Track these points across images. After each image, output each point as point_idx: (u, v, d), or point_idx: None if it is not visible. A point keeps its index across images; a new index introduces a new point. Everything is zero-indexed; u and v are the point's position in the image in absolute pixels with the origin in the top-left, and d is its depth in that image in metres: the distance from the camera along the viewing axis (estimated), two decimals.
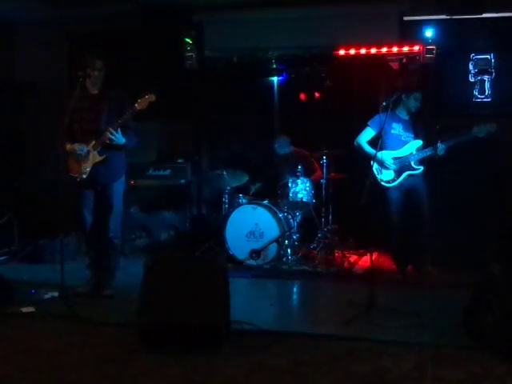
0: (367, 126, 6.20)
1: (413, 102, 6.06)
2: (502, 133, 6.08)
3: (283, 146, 7.61)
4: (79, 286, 5.33)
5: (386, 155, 6.02)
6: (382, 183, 6.05)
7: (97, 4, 7.81)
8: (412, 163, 6.01)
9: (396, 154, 6.06)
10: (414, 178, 6.05)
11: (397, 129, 6.10)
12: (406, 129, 6.11)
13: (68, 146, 5.21)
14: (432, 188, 6.16)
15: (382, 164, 6.00)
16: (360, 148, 6.20)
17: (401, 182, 6.03)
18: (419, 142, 6.05)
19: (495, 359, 3.60)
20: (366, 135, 6.19)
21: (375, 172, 6.01)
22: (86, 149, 5.16)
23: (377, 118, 6.06)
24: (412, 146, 6.06)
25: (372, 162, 5.63)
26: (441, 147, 5.85)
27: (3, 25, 8.42)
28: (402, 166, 6.02)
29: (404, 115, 6.15)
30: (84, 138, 5.18)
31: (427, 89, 6.45)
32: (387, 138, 6.02)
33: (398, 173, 6.03)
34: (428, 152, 5.96)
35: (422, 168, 6.04)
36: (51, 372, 3.45)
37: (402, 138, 6.11)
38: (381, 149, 5.81)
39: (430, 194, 6.08)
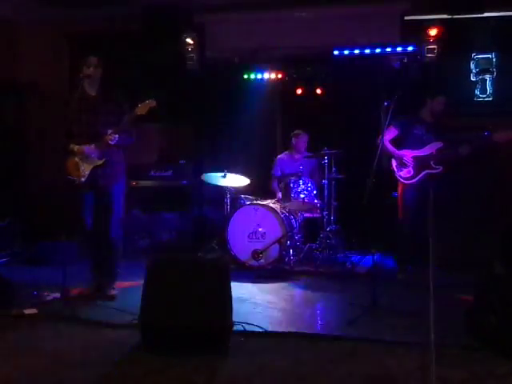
0: (390, 125, 6.18)
1: (437, 105, 6.16)
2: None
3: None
4: (81, 287, 5.33)
5: (407, 153, 6.14)
6: (401, 180, 6.15)
7: (97, 5, 7.81)
8: (432, 163, 6.07)
9: (417, 152, 6.13)
10: (433, 177, 6.08)
11: (419, 130, 6.19)
12: (429, 130, 6.18)
13: (76, 147, 5.19)
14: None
15: (402, 162, 6.11)
16: (383, 147, 6.17)
17: (420, 180, 6.09)
18: (439, 144, 6.09)
19: (498, 359, 3.60)
20: (389, 134, 6.22)
21: (395, 169, 6.16)
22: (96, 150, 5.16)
23: (399, 119, 6.11)
24: (432, 147, 6.11)
25: (391, 160, 5.90)
26: (464, 148, 5.90)
27: (4, 25, 8.42)
28: (422, 164, 6.08)
29: (428, 117, 6.23)
30: (82, 141, 5.16)
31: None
32: (409, 138, 6.17)
33: (418, 170, 6.09)
34: (448, 153, 6.00)
35: (440, 168, 6.07)
36: (53, 373, 3.45)
37: (424, 138, 6.17)
38: (400, 147, 6.11)
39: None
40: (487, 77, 7.42)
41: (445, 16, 7.26)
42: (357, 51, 7.58)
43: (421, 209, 6.03)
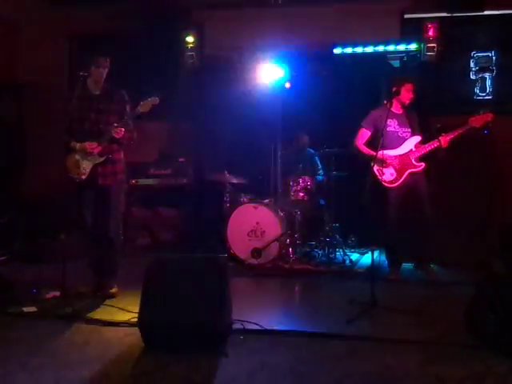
0: (361, 127, 6.07)
1: (405, 94, 5.88)
2: (503, 130, 6.08)
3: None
4: (81, 286, 5.33)
5: (388, 154, 5.86)
6: (385, 184, 5.88)
7: (97, 4, 7.81)
8: (413, 160, 5.87)
9: (396, 152, 5.90)
10: (415, 176, 5.88)
11: (392, 125, 5.92)
12: (401, 124, 5.94)
13: (78, 145, 5.18)
14: (432, 187, 6.12)
15: (383, 164, 5.84)
16: (358, 151, 6.05)
17: (403, 181, 5.87)
18: (417, 138, 5.90)
19: (497, 357, 3.60)
20: (362, 137, 6.05)
21: (377, 173, 5.85)
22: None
23: (369, 117, 5.99)
24: (411, 143, 5.91)
25: (372, 164, 5.51)
26: (443, 138, 5.71)
27: (4, 24, 8.42)
28: (403, 164, 5.86)
29: (398, 109, 5.99)
30: (84, 138, 5.15)
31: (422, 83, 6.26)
32: (384, 136, 5.73)
33: (400, 172, 5.87)
34: (428, 147, 5.82)
35: (423, 165, 5.89)
36: (53, 371, 3.45)
37: (399, 134, 5.93)
38: (381, 148, 5.74)
39: (430, 192, 5.99)
40: (487, 75, 7.41)
41: (445, 14, 7.26)
42: (357, 49, 7.57)
43: (406, 208, 5.96)
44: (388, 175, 5.90)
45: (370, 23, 7.38)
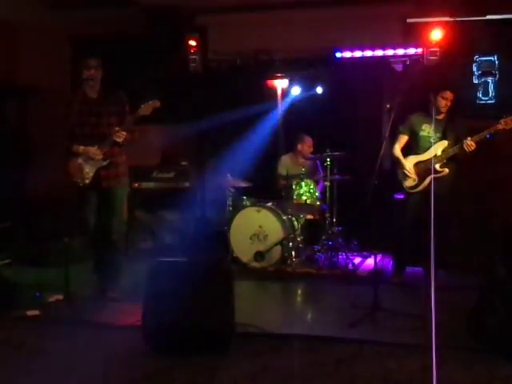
0: (399, 132, 6.00)
1: (441, 101, 5.81)
2: (506, 135, 6.06)
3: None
4: (84, 289, 5.33)
5: (409, 161, 5.90)
6: (407, 190, 5.91)
7: (99, 7, 7.82)
8: (437, 166, 5.78)
9: (420, 157, 5.87)
10: (439, 182, 5.75)
11: (426, 130, 5.88)
12: (437, 129, 5.85)
13: (81, 148, 5.19)
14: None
15: (404, 169, 5.88)
16: (394, 157, 6.01)
17: (424, 187, 5.82)
18: (445, 143, 5.81)
19: (500, 360, 3.60)
20: (400, 142, 6.01)
21: (401, 179, 5.93)
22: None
23: (406, 121, 5.94)
24: (437, 148, 5.82)
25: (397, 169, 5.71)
26: (469, 143, 5.58)
27: (5, 27, 8.44)
28: (425, 169, 5.79)
29: (437, 114, 5.87)
30: (85, 143, 5.17)
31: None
32: (417, 141, 5.92)
33: (422, 177, 5.83)
34: (452, 151, 5.73)
35: (445, 170, 5.80)
36: (56, 375, 3.46)
37: (432, 139, 5.83)
38: (408, 152, 5.88)
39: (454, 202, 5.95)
40: (489, 79, 7.41)
41: (447, 18, 7.26)
42: (359, 53, 7.57)
43: (425, 213, 5.93)
44: (410, 181, 5.90)
45: (372, 27, 7.38)
